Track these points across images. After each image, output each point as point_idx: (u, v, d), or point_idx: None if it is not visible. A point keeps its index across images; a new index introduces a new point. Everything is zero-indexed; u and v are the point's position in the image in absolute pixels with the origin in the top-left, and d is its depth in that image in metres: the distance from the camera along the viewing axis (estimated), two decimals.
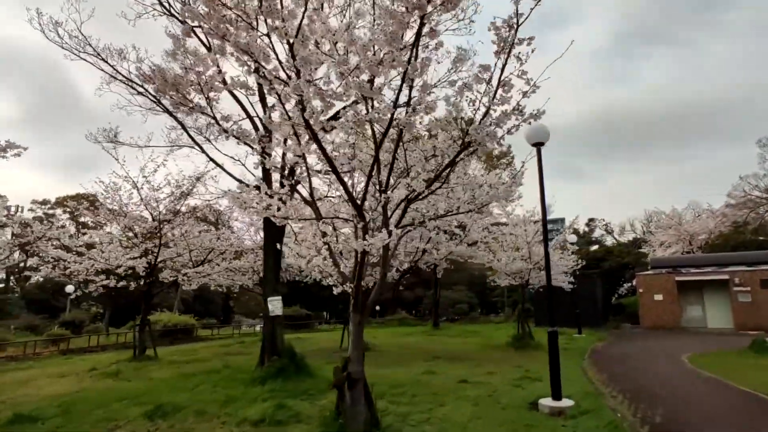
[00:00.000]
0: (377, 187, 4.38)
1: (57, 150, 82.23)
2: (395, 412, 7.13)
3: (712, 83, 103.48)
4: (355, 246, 4.14)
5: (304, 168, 5.47)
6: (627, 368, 11.54)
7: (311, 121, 3.61)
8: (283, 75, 3.75)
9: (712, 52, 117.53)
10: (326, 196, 5.51)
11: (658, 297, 24.70)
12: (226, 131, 4.81)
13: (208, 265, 15.62)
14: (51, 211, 52.24)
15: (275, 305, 9.42)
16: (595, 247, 40.10)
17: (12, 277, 47.47)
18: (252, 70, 3.90)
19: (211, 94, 5.09)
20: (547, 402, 7.52)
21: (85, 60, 7.57)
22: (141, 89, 7.90)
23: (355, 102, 4.94)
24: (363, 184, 5.48)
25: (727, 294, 23.43)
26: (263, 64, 3.66)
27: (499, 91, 4.04)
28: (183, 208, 15.26)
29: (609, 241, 56.04)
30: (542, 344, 16.78)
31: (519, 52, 3.98)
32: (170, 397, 8.25)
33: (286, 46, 3.71)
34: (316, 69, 3.70)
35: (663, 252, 35.74)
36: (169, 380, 10.27)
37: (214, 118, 4.81)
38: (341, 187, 4.29)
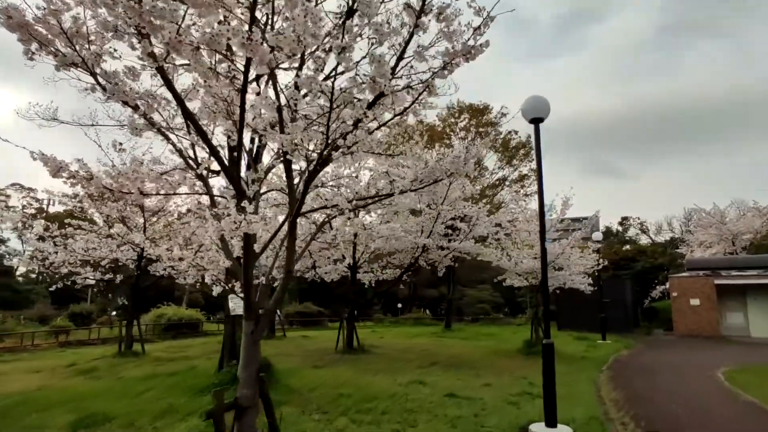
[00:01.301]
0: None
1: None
2: None
3: (757, 75, 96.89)
4: (210, 230, 3.07)
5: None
6: (650, 385, 10.01)
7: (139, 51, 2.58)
8: None
9: (756, 41, 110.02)
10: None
11: (695, 302, 22.53)
12: (104, 89, 3.77)
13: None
14: (81, 204, 53.45)
15: (236, 303, 8.47)
16: (626, 247, 37.62)
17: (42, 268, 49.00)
18: None
19: (93, 47, 4.06)
20: (538, 429, 6.24)
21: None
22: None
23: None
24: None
25: None
26: None
27: (427, 18, 2.85)
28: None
29: (644, 240, 53.10)
30: (559, 352, 15.08)
31: None
32: (110, 403, 7.41)
33: None
34: None
35: (702, 252, 33.05)
36: (130, 382, 9.50)
37: (93, 74, 3.77)
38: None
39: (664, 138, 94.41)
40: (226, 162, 3.30)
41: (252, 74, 2.83)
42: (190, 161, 3.80)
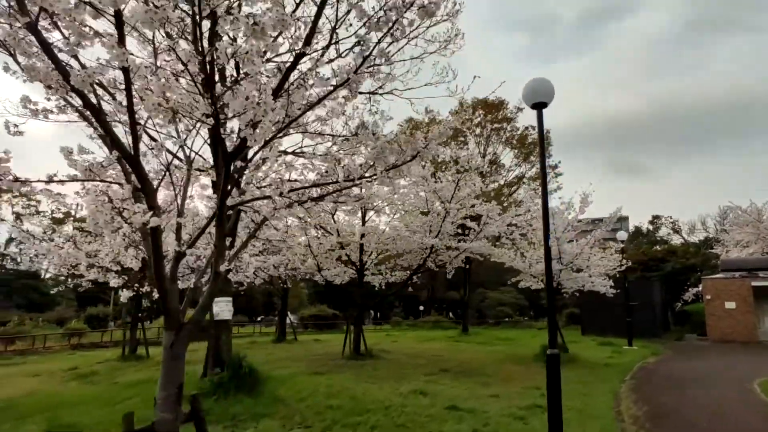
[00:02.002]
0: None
1: None
2: None
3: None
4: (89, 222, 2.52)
5: None
6: (676, 397, 9.09)
7: None
8: None
9: None
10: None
11: (730, 305, 21.08)
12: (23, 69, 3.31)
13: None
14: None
15: (222, 307, 8.01)
16: (656, 248, 35.85)
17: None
18: None
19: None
20: None
21: None
22: None
23: None
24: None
25: None
26: None
27: None
28: None
29: (677, 240, 50.93)
30: (579, 358, 14.35)
31: None
32: (89, 412, 7.06)
33: None
34: None
35: (739, 252, 31.13)
36: (121, 388, 9.20)
37: (11, 53, 3.31)
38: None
39: (691, 136, 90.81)
40: (122, 142, 2.77)
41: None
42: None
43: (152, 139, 4.29)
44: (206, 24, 2.59)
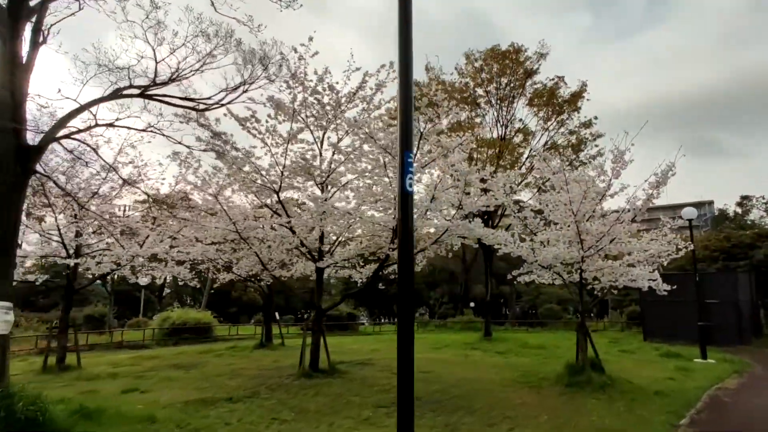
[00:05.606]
0: None
1: None
2: None
3: None
4: None
5: None
6: None
7: None
8: None
9: None
10: None
11: None
12: None
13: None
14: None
15: None
16: (743, 232, 29.39)
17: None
18: None
19: None
20: None
21: None
22: None
23: None
24: None
25: None
26: None
27: None
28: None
29: None
30: (620, 380, 10.25)
31: None
32: None
33: None
34: None
35: None
36: None
37: None
38: None
39: None
40: None
41: None
42: None
43: None
44: None
